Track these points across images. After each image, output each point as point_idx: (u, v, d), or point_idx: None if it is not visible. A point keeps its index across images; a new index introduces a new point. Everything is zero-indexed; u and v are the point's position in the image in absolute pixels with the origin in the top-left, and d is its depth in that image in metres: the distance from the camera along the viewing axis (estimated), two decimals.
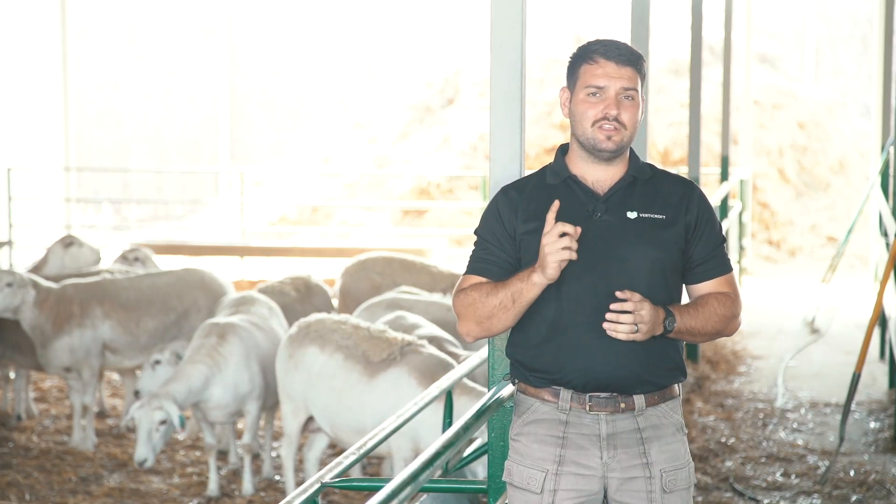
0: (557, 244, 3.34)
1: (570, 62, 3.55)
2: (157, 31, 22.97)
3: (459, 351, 6.76)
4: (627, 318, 3.36)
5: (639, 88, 3.50)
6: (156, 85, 22.93)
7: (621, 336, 3.37)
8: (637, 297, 3.37)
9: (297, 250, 14.69)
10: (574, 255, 3.35)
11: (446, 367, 6.17)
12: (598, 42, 3.51)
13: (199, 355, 7.23)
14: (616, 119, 3.45)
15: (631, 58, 3.49)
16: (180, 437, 7.11)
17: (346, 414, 6.48)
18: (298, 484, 7.00)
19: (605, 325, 3.38)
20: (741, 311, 3.56)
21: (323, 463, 7.18)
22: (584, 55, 3.50)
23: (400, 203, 17.43)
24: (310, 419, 6.84)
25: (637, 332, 3.37)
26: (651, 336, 3.42)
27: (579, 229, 3.37)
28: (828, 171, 18.37)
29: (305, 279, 8.89)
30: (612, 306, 3.37)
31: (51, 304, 8.18)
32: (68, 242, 9.66)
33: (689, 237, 3.53)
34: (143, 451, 6.89)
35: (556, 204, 3.39)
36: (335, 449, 7.80)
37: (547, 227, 3.37)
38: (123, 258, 9.86)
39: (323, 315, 6.97)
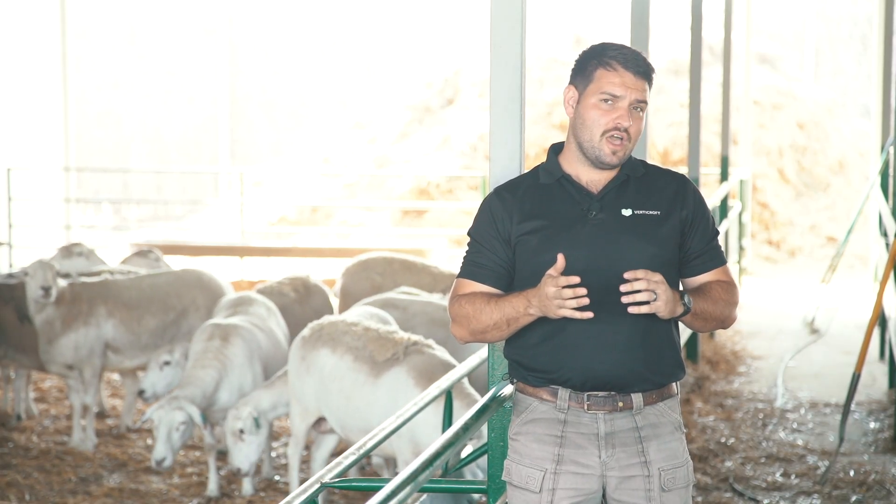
0: (564, 293, 3.32)
1: (581, 60, 3.49)
2: (157, 31, 22.97)
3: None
4: (642, 286, 3.31)
5: (648, 101, 3.49)
6: (156, 85, 22.93)
7: (644, 309, 3.33)
8: (648, 273, 3.33)
9: (296, 250, 14.68)
10: (576, 314, 3.33)
11: (447, 368, 6.12)
12: (616, 48, 3.45)
13: (207, 359, 7.23)
14: (625, 130, 3.43)
15: (647, 69, 3.45)
16: (206, 435, 7.13)
17: (354, 415, 6.48)
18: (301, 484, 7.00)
19: (625, 299, 3.33)
20: (739, 302, 3.59)
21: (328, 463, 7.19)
22: (601, 59, 3.45)
23: (400, 203, 17.42)
24: (319, 420, 6.84)
25: (657, 300, 3.32)
26: (660, 321, 3.41)
27: (577, 279, 3.34)
28: (827, 172, 18.37)
29: (304, 280, 8.89)
30: (622, 287, 3.33)
31: (66, 301, 8.27)
32: (76, 252, 9.71)
33: (685, 231, 3.54)
34: (163, 449, 6.91)
35: (561, 259, 3.35)
36: (336, 449, 7.80)
37: (553, 272, 3.33)
38: (143, 256, 9.88)
39: (336, 317, 6.97)
